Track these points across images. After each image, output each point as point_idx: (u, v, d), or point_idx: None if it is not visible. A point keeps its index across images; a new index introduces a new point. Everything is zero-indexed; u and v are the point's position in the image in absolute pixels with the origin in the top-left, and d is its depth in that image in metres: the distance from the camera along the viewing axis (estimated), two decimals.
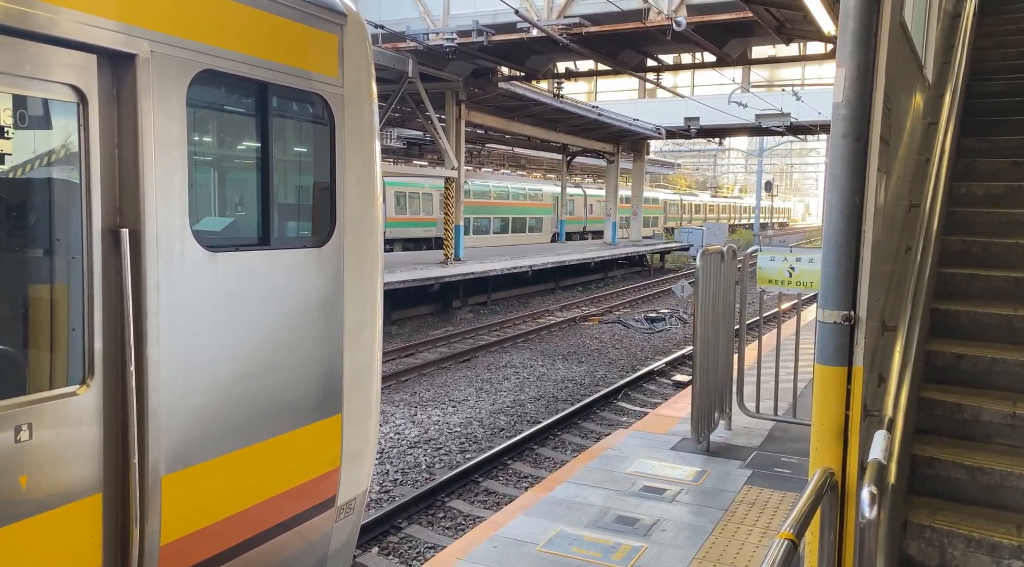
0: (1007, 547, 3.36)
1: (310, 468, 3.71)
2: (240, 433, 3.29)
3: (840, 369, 2.95)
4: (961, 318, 4.60)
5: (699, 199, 64.87)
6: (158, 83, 2.85)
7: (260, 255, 3.37)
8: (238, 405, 3.27)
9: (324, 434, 3.77)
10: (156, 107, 2.85)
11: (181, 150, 2.96)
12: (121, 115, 2.79)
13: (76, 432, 2.71)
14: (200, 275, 3.07)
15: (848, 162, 2.92)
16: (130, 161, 2.79)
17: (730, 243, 8.33)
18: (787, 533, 2.21)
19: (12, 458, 2.51)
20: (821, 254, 3.05)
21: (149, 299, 2.87)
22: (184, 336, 3.02)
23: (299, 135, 3.79)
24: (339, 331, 3.80)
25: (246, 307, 3.29)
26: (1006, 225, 5.19)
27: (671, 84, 33.94)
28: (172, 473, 3.00)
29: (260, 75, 3.29)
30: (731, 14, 15.50)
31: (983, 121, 6.41)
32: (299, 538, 3.70)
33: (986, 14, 8.62)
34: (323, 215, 3.75)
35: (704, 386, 6.44)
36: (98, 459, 2.80)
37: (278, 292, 3.45)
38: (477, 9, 16.81)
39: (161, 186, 2.88)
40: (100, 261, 2.76)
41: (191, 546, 3.10)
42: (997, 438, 3.97)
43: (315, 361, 3.68)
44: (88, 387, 2.75)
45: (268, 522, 3.50)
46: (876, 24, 2.95)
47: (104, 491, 2.83)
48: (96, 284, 2.76)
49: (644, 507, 5.34)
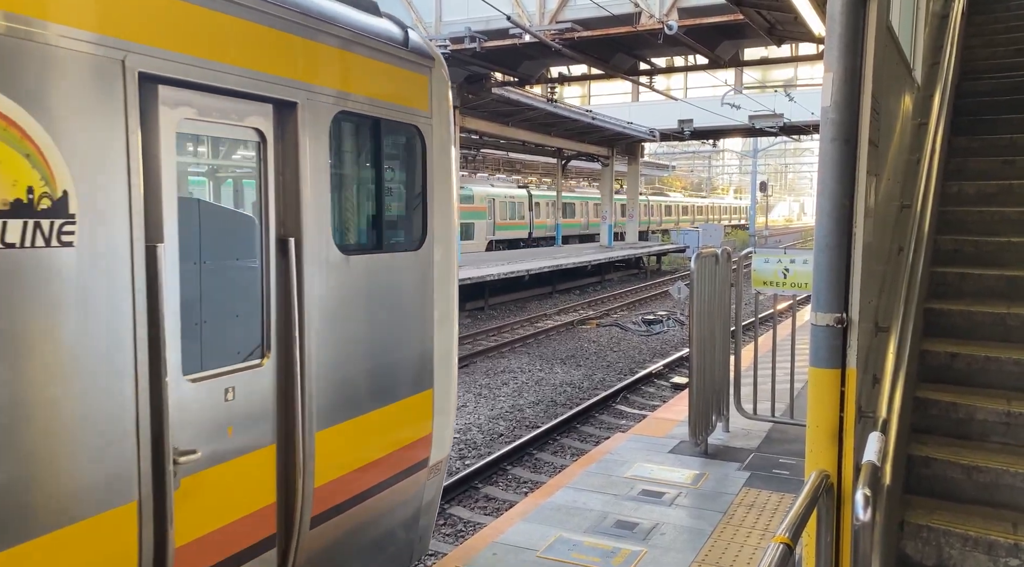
0: (1004, 545, 3.38)
1: (413, 432, 4.46)
2: (367, 400, 4.07)
3: (834, 371, 2.97)
4: (954, 317, 4.62)
5: (670, 199, 58.39)
6: (311, 124, 3.60)
7: (377, 257, 4.16)
8: (366, 378, 4.05)
9: (421, 404, 4.54)
10: (309, 143, 3.58)
11: (325, 175, 3.70)
12: (285, 150, 3.53)
13: (259, 395, 3.45)
14: (339, 274, 3.82)
15: (837, 165, 2.94)
16: (292, 185, 3.55)
17: (725, 245, 8.38)
18: (782, 537, 2.22)
19: (223, 412, 3.27)
20: (813, 257, 3.07)
21: (307, 292, 3.59)
22: (330, 321, 3.76)
23: (401, 159, 4.52)
24: (431, 318, 4.57)
25: (370, 299, 4.05)
26: (998, 223, 5.22)
27: (664, 87, 33.99)
28: (322, 431, 3.73)
29: (376, 113, 4.06)
30: (722, 16, 15.55)
31: (974, 120, 6.45)
32: (403, 491, 4.42)
33: (975, 14, 8.67)
34: (418, 224, 4.53)
35: (701, 389, 6.45)
36: (272, 417, 3.52)
37: (390, 286, 4.23)
38: (470, 15, 16.85)
39: (313, 204, 3.61)
40: (274, 263, 3.50)
41: (331, 492, 3.82)
42: (992, 436, 3.99)
43: (415, 343, 4.44)
44: (267, 360, 3.49)
45: (383, 475, 4.23)
46: (863, 28, 2.97)
47: (277, 442, 3.56)
48: (272, 281, 3.49)
49: (643, 511, 5.35)
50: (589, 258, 26.92)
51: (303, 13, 3.52)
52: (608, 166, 33.84)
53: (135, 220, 2.82)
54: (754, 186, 46.92)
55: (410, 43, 4.35)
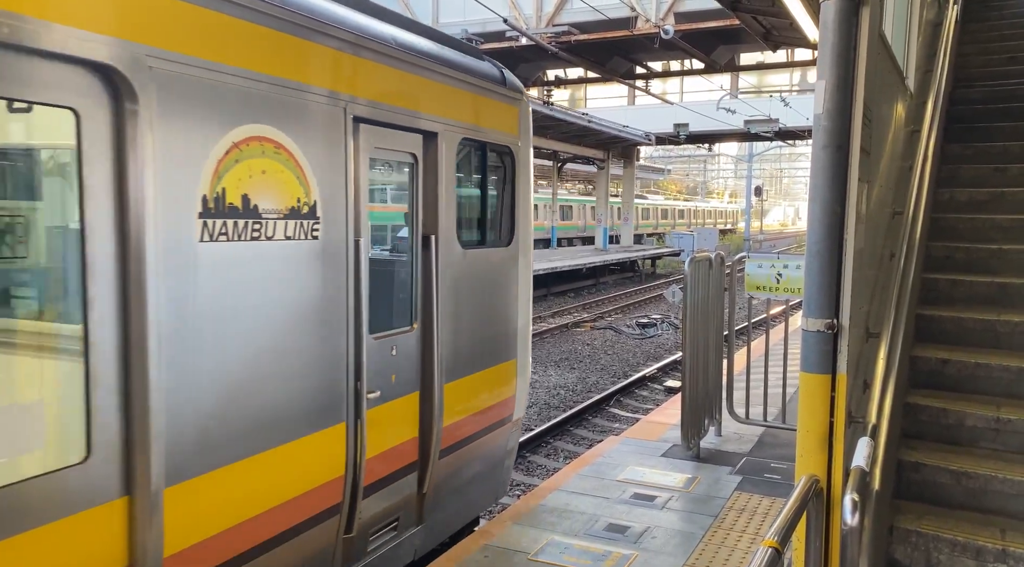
0: (991, 551, 3.40)
1: (503, 392, 5.60)
2: (477, 363, 5.19)
3: (824, 377, 2.99)
4: (945, 323, 4.65)
5: (646, 202, 56.76)
6: (446, 149, 4.72)
7: (483, 251, 5.29)
8: (476, 345, 5.19)
9: (509, 371, 5.68)
10: (444, 163, 4.70)
11: (452, 187, 4.83)
12: (428, 168, 4.65)
13: (410, 353, 4.53)
14: (460, 264, 4.93)
15: (829, 172, 2.96)
16: (432, 195, 4.66)
17: (720, 249, 8.42)
18: (771, 541, 2.24)
19: (390, 364, 4.35)
20: (804, 263, 3.09)
21: (440, 277, 4.67)
22: (454, 300, 4.87)
23: (499, 174, 5.64)
24: (515, 300, 5.71)
25: (480, 283, 5.19)
26: (989, 230, 5.25)
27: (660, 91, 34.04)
28: (448, 383, 4.83)
29: (485, 138, 5.21)
30: (718, 22, 15.61)
31: (966, 127, 6.48)
32: (496, 438, 5.61)
33: (969, 21, 8.72)
34: (508, 226, 5.69)
35: (694, 392, 6.47)
36: (417, 370, 4.62)
37: (490, 275, 5.36)
38: (466, 18, 16.89)
39: (445, 209, 4.72)
40: (420, 254, 4.62)
41: (453, 432, 4.95)
42: (981, 442, 4.02)
43: (507, 320, 5.61)
44: (414, 327, 4.64)
45: (485, 424, 5.37)
46: (855, 36, 3.00)
47: (420, 390, 4.64)
48: (419, 266, 4.62)
49: (635, 514, 5.37)
50: (584, 261, 26.95)
51: (440, 62, 4.68)
52: (604, 169, 33.89)
53: (349, 221, 3.92)
54: (749, 190, 47.05)
55: (507, 81, 5.56)
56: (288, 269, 3.55)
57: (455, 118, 4.81)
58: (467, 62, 5.04)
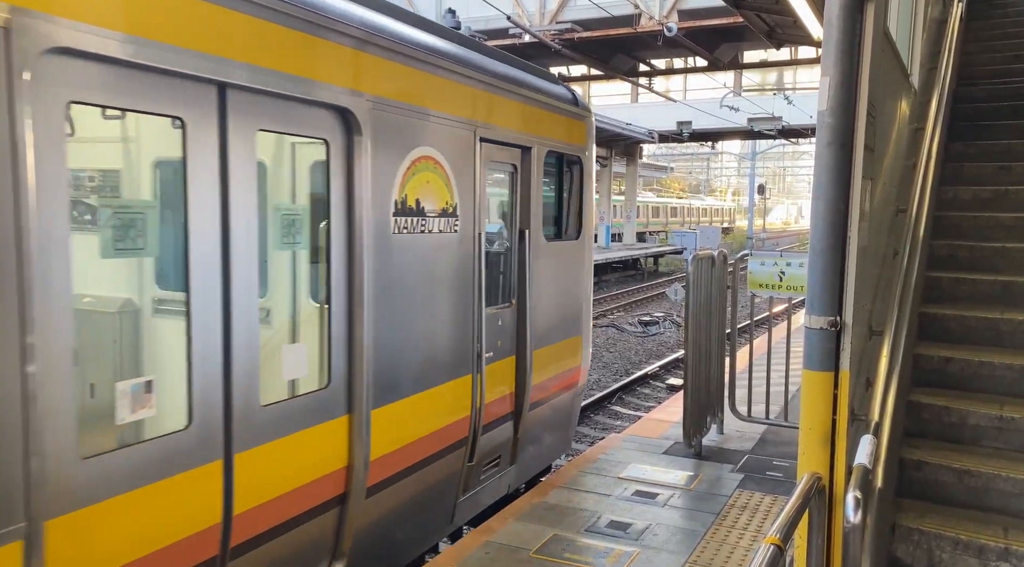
0: (994, 549, 3.40)
1: (572, 362, 6.63)
2: (555, 335, 6.25)
3: (827, 374, 2.98)
4: (948, 322, 4.64)
5: (637, 200, 54.74)
6: (536, 160, 5.77)
7: (560, 243, 6.35)
8: (556, 321, 6.24)
9: (576, 345, 6.67)
10: (534, 171, 5.73)
11: (539, 190, 5.85)
12: (523, 176, 5.70)
13: (509, 324, 5.63)
14: (544, 253, 5.97)
15: (833, 169, 2.95)
16: (526, 197, 5.71)
17: (722, 247, 8.47)
18: (773, 538, 2.24)
19: (497, 332, 5.46)
20: (807, 260, 3.08)
21: (531, 263, 5.72)
22: (541, 283, 5.92)
23: (571, 180, 6.61)
24: (582, 285, 6.72)
25: (557, 270, 6.21)
26: (993, 229, 5.24)
27: (663, 88, 34.01)
28: (536, 350, 5.86)
29: (562, 150, 6.24)
30: (722, 19, 15.58)
31: (970, 126, 6.47)
32: (566, 401, 6.64)
33: (973, 19, 8.70)
34: (577, 222, 6.68)
35: (696, 390, 6.47)
36: (513, 339, 5.67)
37: (565, 263, 6.38)
38: (469, 15, 16.85)
39: (535, 208, 5.79)
40: (516, 245, 5.69)
41: (538, 390, 5.99)
42: (984, 441, 4.01)
43: (576, 302, 6.61)
44: (512, 304, 5.69)
45: (560, 387, 6.42)
46: (859, 34, 2.99)
47: (516, 355, 5.72)
48: (516, 255, 5.70)
49: (637, 511, 5.37)
50: None
51: (532, 89, 5.74)
52: (606, 167, 33.86)
53: (475, 219, 4.99)
54: (752, 188, 46.98)
55: (578, 101, 6.63)
56: (439, 256, 4.67)
57: (543, 134, 5.89)
58: (548, 86, 6.15)
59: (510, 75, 5.49)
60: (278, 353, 3.78)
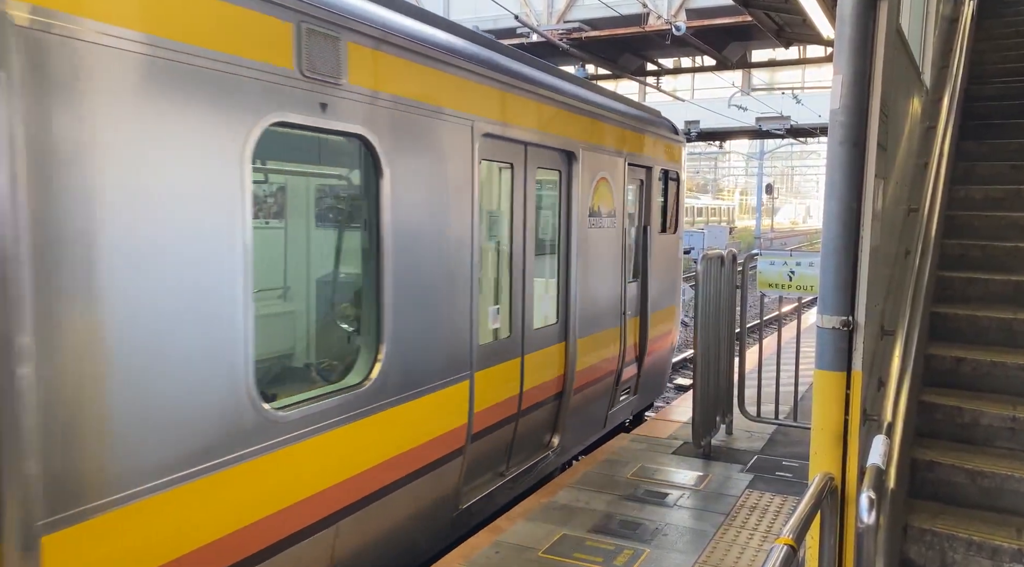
0: (1008, 550, 3.37)
1: (668, 327, 8.66)
2: (662, 302, 8.37)
3: (839, 374, 2.97)
4: (960, 322, 4.61)
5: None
6: (656, 176, 7.98)
7: (665, 236, 8.36)
8: (661, 292, 8.26)
9: (671, 313, 8.82)
10: (654, 184, 8.01)
11: (658, 196, 8.10)
12: (647, 188, 7.91)
13: (637, 293, 7.78)
14: (656, 243, 7.98)
15: (846, 168, 2.94)
16: (647, 202, 7.93)
17: (731, 247, 8.64)
18: (786, 538, 2.22)
19: (633, 298, 7.66)
20: (820, 260, 3.06)
21: (650, 251, 7.78)
22: (655, 264, 7.91)
23: (671, 189, 8.53)
24: (678, 266, 8.90)
25: (663, 256, 8.24)
26: (1005, 228, 5.20)
27: (671, 88, 33.88)
28: (652, 313, 8.02)
29: (667, 167, 8.30)
30: (730, 18, 15.51)
31: (982, 125, 6.43)
32: (665, 356, 8.73)
33: (985, 18, 8.64)
34: (675, 220, 8.69)
35: (705, 390, 6.45)
36: (638, 304, 7.80)
37: (668, 250, 8.47)
38: (477, 15, 16.84)
39: (655, 210, 7.89)
40: (641, 236, 7.78)
41: (652, 343, 8.06)
42: (997, 441, 3.98)
43: (672, 278, 8.72)
44: (638, 279, 7.75)
45: (665, 343, 8.56)
46: (872, 31, 2.97)
47: (640, 316, 7.82)
48: (640, 243, 7.78)
49: (646, 511, 5.35)
50: None
51: (652, 124, 7.85)
52: None
53: (623, 218, 7.06)
54: (760, 188, 46.82)
55: (677, 131, 8.75)
56: (607, 244, 6.82)
57: (658, 156, 8.01)
58: (659, 120, 8.26)
59: (641, 117, 7.68)
60: (540, 303, 6.03)
